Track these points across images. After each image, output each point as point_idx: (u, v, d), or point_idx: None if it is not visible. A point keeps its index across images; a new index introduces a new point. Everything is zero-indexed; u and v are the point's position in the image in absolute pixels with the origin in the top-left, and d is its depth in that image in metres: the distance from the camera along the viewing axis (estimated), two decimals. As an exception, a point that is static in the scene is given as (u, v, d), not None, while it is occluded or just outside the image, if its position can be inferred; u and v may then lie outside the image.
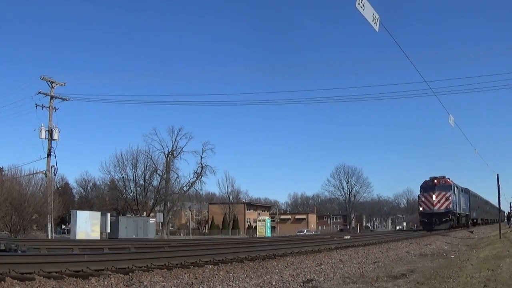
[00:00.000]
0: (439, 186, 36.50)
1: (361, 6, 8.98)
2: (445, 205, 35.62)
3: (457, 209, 37.85)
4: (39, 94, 34.14)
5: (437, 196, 35.96)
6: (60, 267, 7.88)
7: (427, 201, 36.54)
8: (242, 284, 7.66)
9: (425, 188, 37.41)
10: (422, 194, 37.33)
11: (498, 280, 7.95)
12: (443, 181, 37.06)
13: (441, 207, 35.68)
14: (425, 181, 38.16)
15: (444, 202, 35.74)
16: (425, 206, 36.51)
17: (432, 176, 37.67)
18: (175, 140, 57.60)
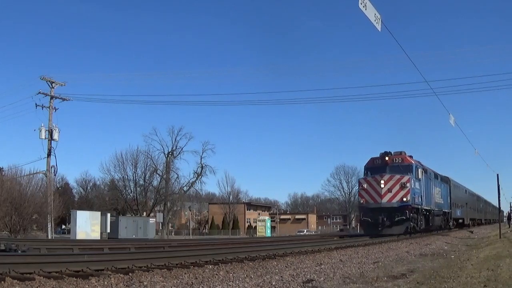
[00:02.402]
0: (392, 166, 23.99)
1: (363, 6, 9.01)
2: (400, 196, 22.83)
3: (422, 203, 25.05)
4: (39, 94, 34.23)
5: (388, 182, 23.12)
6: (60, 267, 7.88)
7: (371, 189, 23.56)
8: (242, 284, 7.66)
9: (371, 169, 24.61)
10: (365, 179, 24.22)
11: (498, 280, 7.95)
12: (398, 159, 24.28)
13: (393, 199, 22.89)
14: (372, 158, 25.00)
15: (399, 192, 22.92)
16: (368, 197, 23.59)
17: (383, 152, 24.75)
18: (175, 140, 57.73)
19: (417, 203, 24.16)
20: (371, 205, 23.42)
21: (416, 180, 24.26)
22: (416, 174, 24.44)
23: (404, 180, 23.07)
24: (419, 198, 24.52)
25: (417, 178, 24.45)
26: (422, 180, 25.56)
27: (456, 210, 38.20)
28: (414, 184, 23.73)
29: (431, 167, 34.67)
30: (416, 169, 24.60)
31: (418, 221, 24.67)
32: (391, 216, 22.80)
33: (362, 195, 24.07)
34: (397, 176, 23.24)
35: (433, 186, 28.70)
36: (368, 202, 23.57)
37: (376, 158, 24.88)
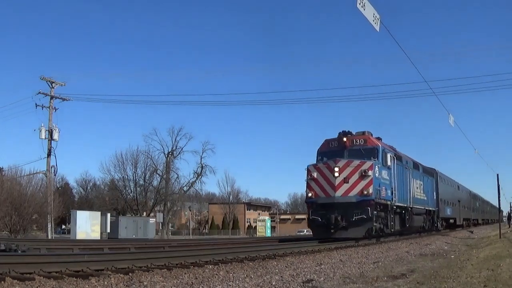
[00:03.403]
0: (352, 150, 18.87)
1: (362, 6, 9.01)
2: (360, 188, 17.76)
3: (393, 198, 19.80)
4: (39, 94, 34.28)
5: (343, 169, 17.99)
6: (60, 267, 7.87)
7: (322, 179, 18.37)
8: (242, 284, 7.66)
9: (326, 154, 19.39)
10: (315, 166, 18.83)
11: (498, 280, 7.96)
12: (360, 141, 19.04)
13: (350, 192, 17.84)
14: (327, 140, 19.79)
15: (358, 182, 17.84)
16: (319, 189, 18.42)
17: (341, 131, 19.40)
18: (175, 140, 57.74)
19: (384, 197, 18.65)
20: (321, 200, 18.03)
21: (383, 168, 18.89)
22: (384, 160, 19.06)
23: (365, 167, 17.70)
24: (387, 191, 19.07)
25: (385, 165, 19.07)
26: (393, 168, 20.22)
27: (445, 209, 32.81)
28: (379, 173, 18.40)
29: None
30: (384, 154, 19.22)
31: (388, 221, 19.38)
32: (348, 214, 17.46)
33: (310, 187, 18.51)
34: (356, 162, 17.88)
35: (411, 178, 23.45)
36: (318, 196, 18.19)
37: (331, 140, 19.48)
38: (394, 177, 20.39)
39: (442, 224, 32.76)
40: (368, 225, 17.81)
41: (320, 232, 18.39)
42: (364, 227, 17.78)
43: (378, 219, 18.58)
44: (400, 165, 21.73)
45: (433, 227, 29.48)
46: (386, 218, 19.48)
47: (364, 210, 17.58)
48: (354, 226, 17.60)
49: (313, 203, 18.55)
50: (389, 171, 19.81)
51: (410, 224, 22.87)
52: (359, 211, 17.59)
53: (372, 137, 19.62)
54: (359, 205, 17.66)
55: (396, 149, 22.59)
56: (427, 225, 27.42)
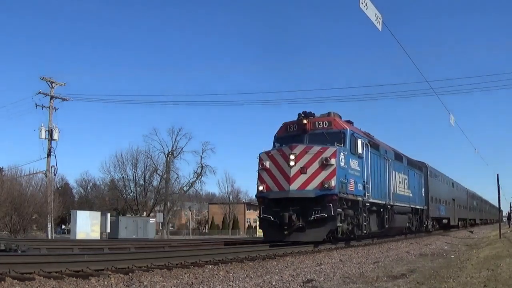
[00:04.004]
0: (313, 134, 15.82)
1: (364, 6, 9.03)
2: (320, 180, 14.65)
3: (367, 194, 16.87)
4: (39, 94, 34.28)
5: (301, 157, 14.95)
6: (60, 267, 7.88)
7: (275, 169, 15.40)
8: (242, 284, 7.67)
9: (284, 140, 16.35)
10: (268, 154, 15.82)
11: (498, 280, 7.96)
12: (324, 123, 16.00)
13: (308, 185, 14.77)
14: (286, 124, 16.80)
15: (318, 172, 14.77)
16: (271, 182, 15.41)
17: (302, 112, 16.25)
18: (175, 140, 57.68)
19: (352, 192, 15.57)
20: (273, 195, 14.99)
21: (351, 156, 15.76)
22: (353, 147, 15.94)
23: (326, 154, 14.54)
24: (357, 185, 15.99)
25: (354, 153, 15.98)
26: (367, 158, 17.18)
27: (437, 207, 29.87)
28: (346, 162, 15.28)
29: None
30: (353, 140, 16.04)
31: (360, 221, 16.33)
32: (305, 212, 14.38)
33: (262, 179, 15.43)
34: (316, 148, 14.76)
35: (392, 170, 20.41)
36: (271, 190, 15.14)
37: (290, 123, 16.36)
38: (368, 168, 17.20)
39: (433, 225, 30.19)
40: (330, 225, 14.56)
41: (271, 233, 15.19)
42: (325, 228, 14.53)
43: (346, 219, 15.51)
44: (376, 155, 18.64)
45: (421, 228, 26.67)
46: (357, 218, 16.27)
47: (325, 207, 14.31)
48: (312, 226, 14.41)
49: (264, 198, 15.42)
50: (361, 160, 16.62)
51: (391, 225, 19.81)
52: (319, 208, 14.38)
53: (339, 119, 16.48)
54: (319, 201, 14.44)
55: (373, 137, 19.57)
56: (414, 225, 24.61)
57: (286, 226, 14.53)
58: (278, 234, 14.87)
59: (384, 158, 19.84)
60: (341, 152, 15.11)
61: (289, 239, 14.71)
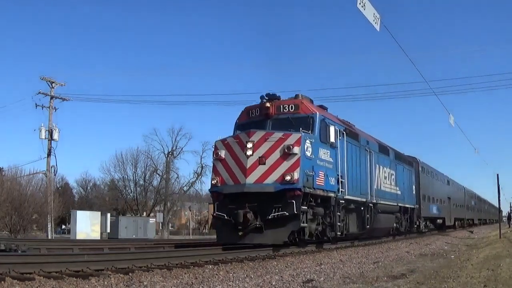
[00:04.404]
0: (278, 120, 13.91)
1: (362, 6, 9.03)
2: (281, 172, 12.59)
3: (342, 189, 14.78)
4: (39, 94, 34.27)
5: (259, 145, 12.91)
6: (60, 267, 7.89)
7: (231, 159, 13.37)
8: (242, 284, 7.67)
9: (245, 126, 14.28)
10: (223, 142, 13.85)
11: (498, 280, 7.97)
12: (289, 107, 14.01)
13: (267, 177, 12.67)
14: (248, 108, 14.92)
15: (279, 163, 12.71)
16: (226, 174, 13.35)
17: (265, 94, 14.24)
18: (175, 140, 57.60)
19: (322, 186, 13.49)
20: (227, 189, 13.05)
21: (322, 145, 13.69)
22: (323, 135, 13.81)
23: (289, 142, 12.57)
24: (329, 179, 13.89)
25: (325, 141, 13.88)
26: (342, 148, 15.05)
27: (429, 206, 28.10)
28: (314, 151, 13.21)
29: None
30: (324, 126, 13.90)
31: (334, 220, 14.30)
32: (264, 209, 12.41)
33: (216, 171, 13.45)
34: (277, 135, 12.80)
35: (376, 164, 18.48)
36: (225, 184, 13.15)
37: (253, 108, 14.47)
38: (343, 160, 15.02)
39: (426, 225, 28.45)
40: (292, 225, 12.41)
41: (224, 234, 13.19)
42: (287, 228, 12.41)
43: (315, 218, 13.51)
44: (355, 146, 16.54)
45: (412, 229, 24.61)
46: (331, 217, 14.25)
47: (286, 204, 12.24)
48: (272, 226, 12.35)
49: (219, 193, 13.29)
50: (334, 151, 14.43)
51: (374, 225, 17.77)
52: (280, 205, 12.31)
53: (308, 102, 14.32)
54: (280, 197, 12.36)
55: (353, 126, 17.52)
56: (403, 226, 22.68)
57: (241, 226, 12.39)
58: (231, 235, 12.76)
59: (365, 149, 17.61)
60: (307, 140, 12.95)
61: (244, 241, 12.65)
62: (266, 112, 13.96)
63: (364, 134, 18.28)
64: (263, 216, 12.45)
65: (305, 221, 12.93)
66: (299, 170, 12.50)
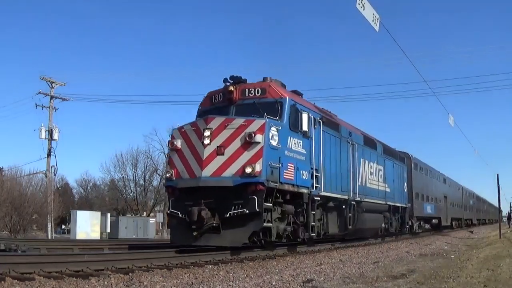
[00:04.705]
0: (243, 105, 12.32)
1: (361, 6, 9.04)
2: (241, 164, 10.92)
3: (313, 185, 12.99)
4: (39, 94, 34.23)
5: (218, 133, 11.32)
6: (60, 267, 7.89)
7: (187, 150, 11.73)
8: (242, 284, 7.68)
9: (207, 113, 12.35)
10: (180, 130, 12.12)
11: (498, 280, 7.98)
12: (255, 91, 12.31)
13: (226, 170, 11.02)
14: (211, 93, 13.27)
15: (239, 153, 11.06)
16: (181, 166, 11.72)
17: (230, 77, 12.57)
18: (175, 140, 57.68)
19: (292, 181, 11.93)
20: (182, 183, 11.62)
21: (292, 134, 12.17)
22: (294, 122, 12.30)
23: (252, 129, 11.06)
24: (300, 173, 12.33)
25: (296, 130, 12.34)
26: (318, 138, 13.54)
27: (423, 205, 26.78)
28: (281, 140, 11.55)
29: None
30: (295, 112, 12.36)
31: (308, 219, 12.71)
32: (223, 206, 10.95)
33: (172, 163, 12.06)
34: (238, 121, 11.37)
35: (361, 158, 17.04)
36: (180, 177, 11.72)
37: (216, 92, 13.02)
38: (319, 152, 13.52)
39: (420, 225, 26.95)
40: (253, 225, 10.85)
41: (178, 235, 11.84)
42: (247, 228, 10.87)
43: (283, 217, 12.00)
44: (334, 137, 14.92)
45: (404, 229, 23.12)
46: (304, 215, 12.69)
47: (247, 201, 10.74)
48: (230, 226, 10.89)
49: (174, 188, 11.88)
50: (307, 141, 12.89)
51: (358, 225, 16.20)
52: (240, 202, 10.83)
53: (278, 86, 12.71)
54: (240, 192, 10.85)
55: (334, 115, 16.02)
56: (393, 226, 21.16)
57: (195, 225, 10.96)
58: (186, 235, 11.33)
59: (347, 141, 15.98)
60: (272, 127, 11.31)
61: (199, 242, 11.24)
62: (230, 97, 12.47)
63: (346, 124, 16.69)
64: (221, 214, 10.96)
65: (270, 220, 11.33)
66: (261, 161, 10.89)
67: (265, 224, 11.09)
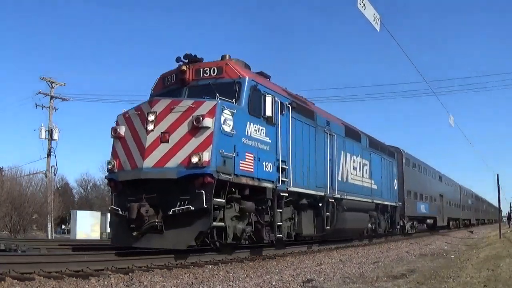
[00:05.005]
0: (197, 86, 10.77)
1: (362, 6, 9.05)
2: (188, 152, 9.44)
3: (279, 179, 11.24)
4: (39, 94, 34.22)
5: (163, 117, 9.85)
6: (60, 267, 7.89)
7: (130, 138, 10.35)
8: (242, 284, 7.67)
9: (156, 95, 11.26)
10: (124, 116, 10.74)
11: (498, 280, 7.98)
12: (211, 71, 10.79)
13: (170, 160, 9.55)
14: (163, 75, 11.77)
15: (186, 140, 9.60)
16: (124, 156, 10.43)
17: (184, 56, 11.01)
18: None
19: (251, 173, 10.42)
20: (123, 175, 10.38)
21: (250, 119, 10.64)
22: (254, 106, 10.77)
23: (201, 111, 9.67)
24: (264, 164, 10.84)
25: (256, 114, 10.84)
26: (286, 126, 12.02)
27: (416, 204, 25.28)
28: (237, 125, 10.11)
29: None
30: (256, 94, 10.87)
31: (273, 219, 11.10)
32: (167, 202, 9.53)
33: (115, 152, 10.93)
34: (186, 103, 9.93)
35: (341, 151, 15.44)
36: (122, 169, 10.49)
37: (168, 74, 11.64)
38: (287, 141, 11.95)
39: (413, 226, 25.38)
40: (201, 224, 9.37)
41: (120, 234, 10.53)
42: (193, 228, 9.39)
43: (243, 216, 10.52)
44: (308, 125, 13.36)
45: (395, 230, 21.48)
46: (270, 214, 11.14)
47: (194, 195, 9.26)
48: (174, 226, 9.46)
49: (116, 182, 10.72)
50: (273, 129, 11.35)
51: (338, 225, 14.55)
52: (187, 197, 9.33)
53: (237, 65, 11.14)
54: (187, 186, 9.38)
55: (309, 102, 14.50)
56: (381, 226, 19.57)
57: (134, 224, 9.58)
58: (127, 235, 9.96)
59: (324, 131, 14.36)
60: (225, 109, 9.80)
61: (139, 244, 9.89)
62: (182, 78, 10.98)
63: (323, 113, 15.08)
64: (165, 211, 9.50)
65: (223, 219, 9.82)
66: (211, 149, 9.40)
67: (215, 223, 9.54)
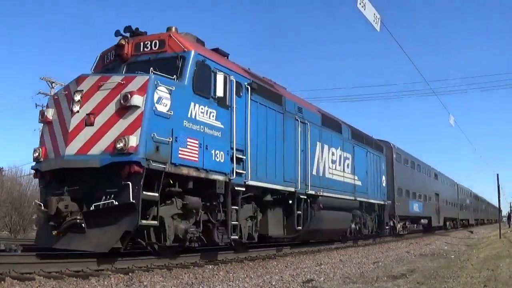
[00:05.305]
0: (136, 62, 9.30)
1: (362, 6, 9.05)
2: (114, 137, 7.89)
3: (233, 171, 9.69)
4: (39, 94, 34.27)
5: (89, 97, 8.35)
6: (60, 267, 7.88)
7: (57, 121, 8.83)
8: (242, 284, 7.67)
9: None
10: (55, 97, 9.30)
11: (498, 280, 7.99)
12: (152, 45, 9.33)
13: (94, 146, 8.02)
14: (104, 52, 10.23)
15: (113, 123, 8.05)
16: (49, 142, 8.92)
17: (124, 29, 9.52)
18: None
19: (194, 163, 8.89)
20: (46, 165, 9.00)
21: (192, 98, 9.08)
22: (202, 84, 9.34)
23: (129, 89, 8.18)
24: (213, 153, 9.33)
25: (204, 94, 9.39)
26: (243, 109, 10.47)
27: (408, 203, 23.55)
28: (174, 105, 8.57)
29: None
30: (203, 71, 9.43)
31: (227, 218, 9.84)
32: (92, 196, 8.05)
33: (42, 139, 9.50)
34: (115, 79, 8.49)
35: (317, 142, 13.87)
36: (47, 157, 9.05)
37: (108, 51, 10.26)
38: (246, 127, 10.47)
39: (404, 226, 23.66)
40: (126, 222, 7.94)
41: (42, 233, 9.14)
42: (118, 227, 7.99)
43: (188, 214, 9.25)
44: (274, 110, 11.76)
45: (383, 231, 19.79)
46: (224, 212, 9.80)
47: (120, 188, 7.83)
48: (96, 224, 8.02)
49: (42, 172, 9.27)
50: (226, 112, 9.91)
51: (312, 226, 13.08)
52: (114, 190, 7.89)
53: (183, 37, 9.72)
54: (111, 176, 7.96)
55: (277, 85, 12.92)
56: (367, 227, 18.00)
57: (54, 221, 8.25)
58: (48, 234, 8.48)
59: (295, 119, 12.70)
60: (160, 86, 8.36)
61: (59, 245, 8.34)
62: (120, 53, 9.61)
63: (294, 98, 13.50)
64: (87, 205, 8.12)
65: (156, 217, 8.38)
66: (139, 132, 7.93)
67: (144, 222, 8.13)
